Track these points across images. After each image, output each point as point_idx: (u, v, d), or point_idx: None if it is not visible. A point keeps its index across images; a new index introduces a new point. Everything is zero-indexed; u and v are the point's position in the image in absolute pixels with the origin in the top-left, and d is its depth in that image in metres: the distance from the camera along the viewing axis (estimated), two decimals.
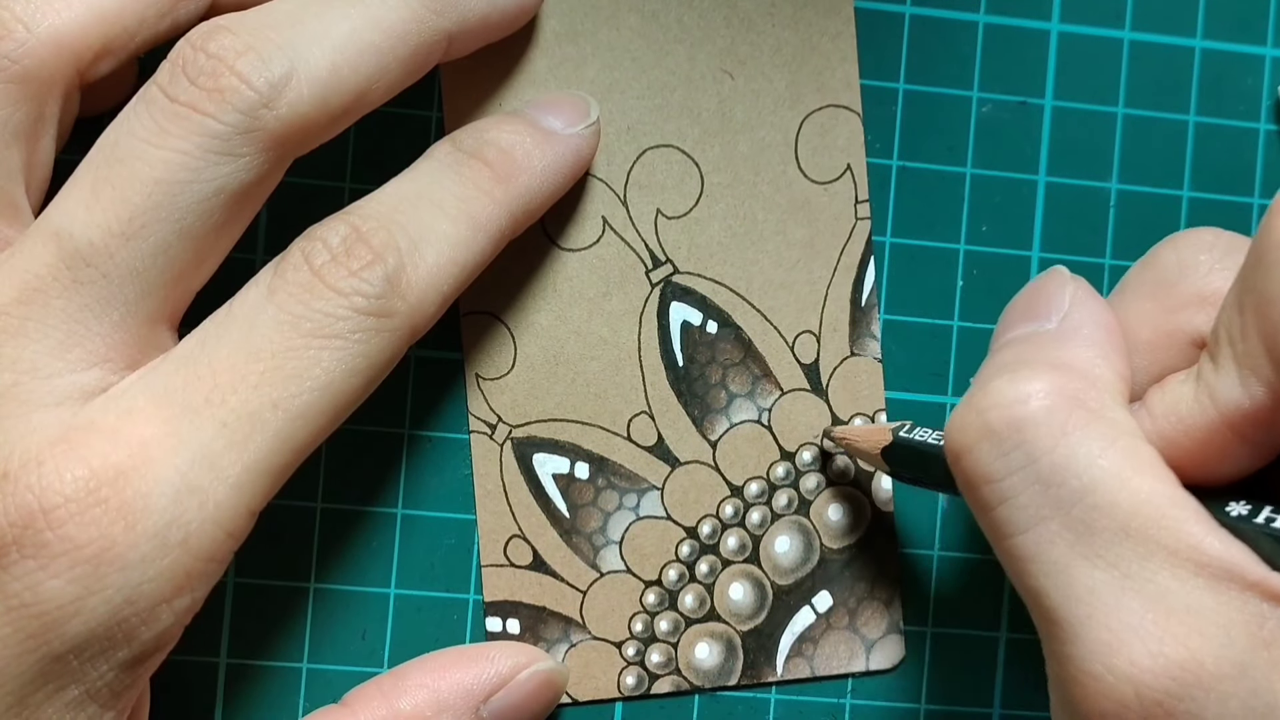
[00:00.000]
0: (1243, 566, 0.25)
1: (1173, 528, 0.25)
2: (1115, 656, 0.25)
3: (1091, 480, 0.26)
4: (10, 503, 0.26)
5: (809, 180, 0.34)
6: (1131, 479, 0.26)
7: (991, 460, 0.27)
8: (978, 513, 0.27)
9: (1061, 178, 0.35)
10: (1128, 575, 0.25)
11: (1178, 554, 0.25)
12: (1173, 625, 0.24)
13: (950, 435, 0.27)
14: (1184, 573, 0.25)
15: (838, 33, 0.34)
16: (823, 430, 0.34)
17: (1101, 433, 0.26)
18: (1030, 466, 0.26)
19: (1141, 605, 0.25)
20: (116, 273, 0.27)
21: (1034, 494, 0.26)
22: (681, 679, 0.34)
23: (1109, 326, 0.29)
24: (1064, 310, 0.29)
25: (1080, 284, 0.30)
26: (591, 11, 0.34)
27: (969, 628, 0.34)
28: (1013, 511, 0.26)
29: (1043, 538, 0.26)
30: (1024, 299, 0.30)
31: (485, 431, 0.34)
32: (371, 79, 0.29)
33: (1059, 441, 0.26)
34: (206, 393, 0.27)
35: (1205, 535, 0.25)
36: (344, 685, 0.33)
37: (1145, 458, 0.26)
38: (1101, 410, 0.26)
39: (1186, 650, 0.24)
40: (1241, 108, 0.35)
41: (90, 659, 0.26)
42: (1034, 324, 0.29)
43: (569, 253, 0.34)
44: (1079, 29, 0.35)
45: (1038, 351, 0.28)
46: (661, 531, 0.34)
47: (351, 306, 0.28)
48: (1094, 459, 0.26)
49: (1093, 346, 0.28)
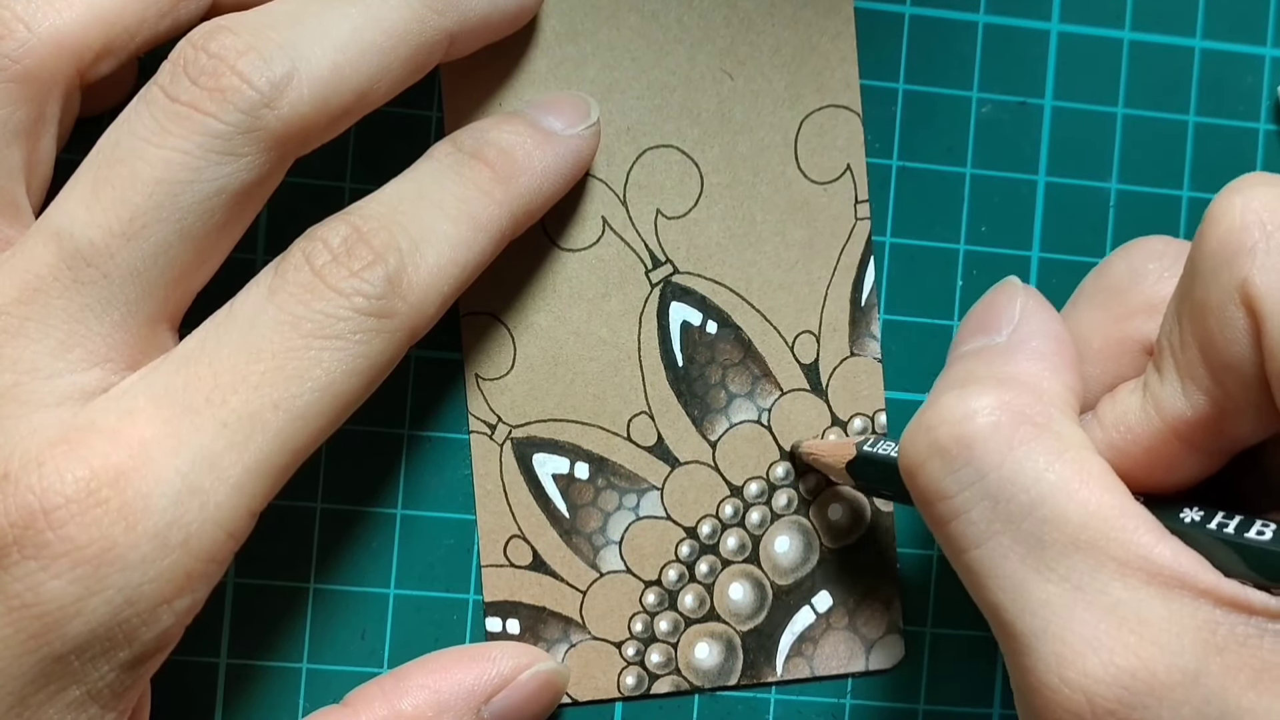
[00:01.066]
0: (1193, 574, 0.25)
1: (1122, 538, 0.25)
2: (1069, 668, 0.25)
3: (1039, 494, 0.26)
4: (11, 503, 0.26)
5: (809, 180, 0.34)
6: (1079, 491, 0.26)
7: (942, 477, 0.27)
8: (933, 528, 0.27)
9: (1061, 178, 0.35)
10: (1079, 587, 0.25)
11: (1128, 564, 0.25)
12: (1124, 635, 0.25)
13: (903, 452, 0.28)
14: (1135, 582, 0.25)
15: (837, 33, 0.34)
16: (791, 445, 0.34)
17: (1048, 446, 0.26)
18: (979, 483, 0.26)
19: (1093, 616, 0.25)
20: (117, 273, 0.27)
21: (984, 509, 0.26)
22: (681, 679, 0.34)
23: (1058, 338, 0.29)
24: (1014, 323, 0.29)
25: (1031, 295, 0.30)
26: (591, 11, 0.34)
27: (969, 628, 0.34)
28: (965, 527, 0.26)
29: (995, 552, 0.26)
30: (977, 311, 0.30)
31: (485, 432, 0.34)
32: (373, 79, 0.29)
33: (1006, 456, 0.26)
34: (207, 393, 0.27)
35: (1155, 544, 0.25)
36: (344, 685, 0.33)
37: (1093, 469, 0.26)
38: (1048, 424, 0.27)
39: (1138, 659, 0.24)
40: (1241, 108, 0.35)
41: (91, 659, 0.26)
42: (985, 337, 0.29)
43: (569, 253, 0.34)
44: (1079, 29, 0.35)
45: (986, 366, 0.28)
46: (661, 531, 0.34)
47: (352, 307, 0.28)
48: (1041, 473, 0.26)
49: (1041, 360, 0.28)
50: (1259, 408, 0.26)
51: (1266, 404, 0.25)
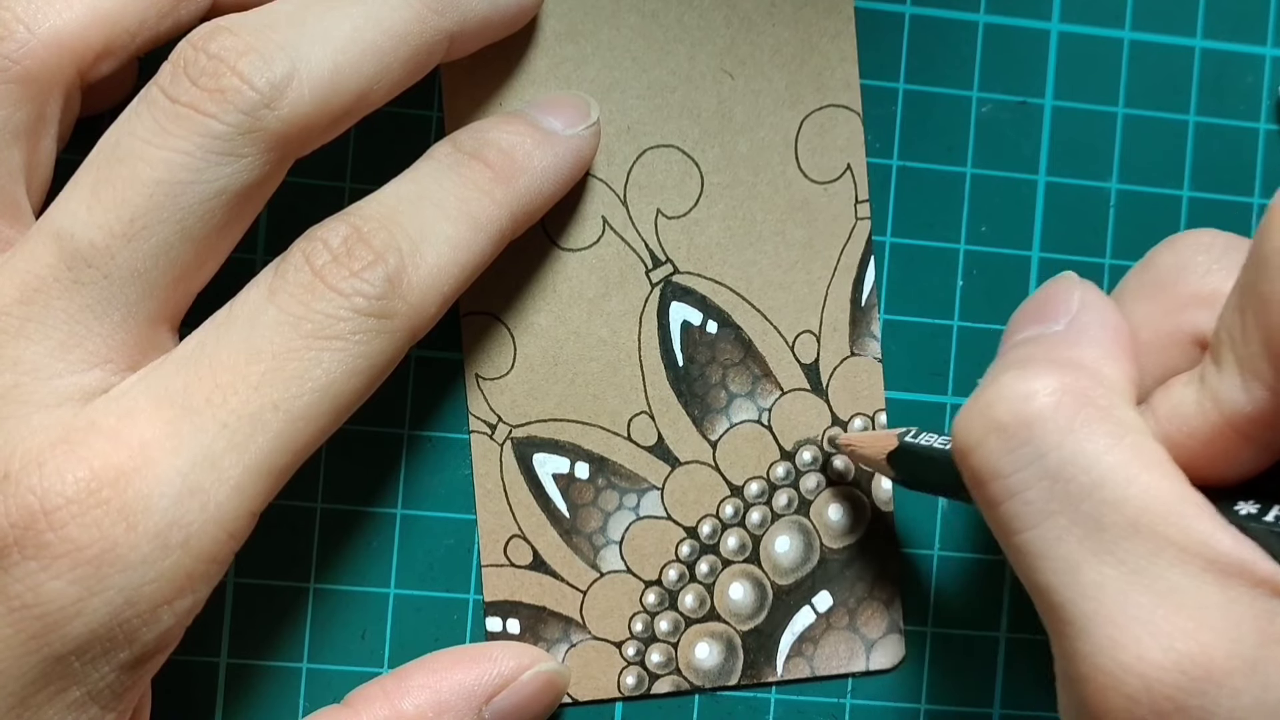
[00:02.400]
0: (1252, 563, 0.25)
1: (1181, 524, 0.25)
2: (1124, 652, 0.25)
3: (1100, 476, 0.26)
4: (11, 504, 0.26)
5: (809, 180, 0.34)
6: (1140, 475, 0.25)
7: (999, 456, 0.27)
8: (985, 509, 0.27)
9: (1061, 178, 0.35)
10: (1136, 571, 0.25)
11: (1187, 550, 0.25)
12: (1182, 621, 0.24)
13: (958, 431, 0.27)
14: (1193, 569, 0.25)
15: (838, 33, 0.34)
16: (824, 434, 0.34)
17: (1109, 429, 0.26)
18: (1038, 462, 0.26)
19: (1150, 601, 0.25)
20: (117, 273, 0.27)
21: (1042, 489, 0.26)
22: (681, 679, 0.34)
23: (1117, 328, 0.29)
24: (1072, 313, 0.29)
25: (1089, 288, 0.30)
26: (591, 11, 0.34)
27: (969, 628, 0.34)
28: (1020, 507, 0.26)
29: (1050, 533, 0.26)
30: (1033, 303, 0.30)
31: (485, 431, 0.34)
32: (373, 79, 0.29)
33: (1066, 437, 0.26)
34: (207, 394, 0.27)
35: (1214, 532, 0.25)
36: (344, 685, 0.33)
37: (1153, 455, 0.26)
38: (1109, 408, 0.26)
39: (1198, 645, 0.24)
40: (1241, 108, 0.35)
41: (92, 660, 0.26)
42: (1042, 326, 0.29)
43: (569, 253, 0.34)
44: (1079, 29, 0.35)
45: (1046, 351, 0.28)
46: (661, 531, 0.34)
47: (352, 307, 0.28)
48: (1101, 455, 0.26)
49: (1100, 347, 0.28)
50: None
51: None
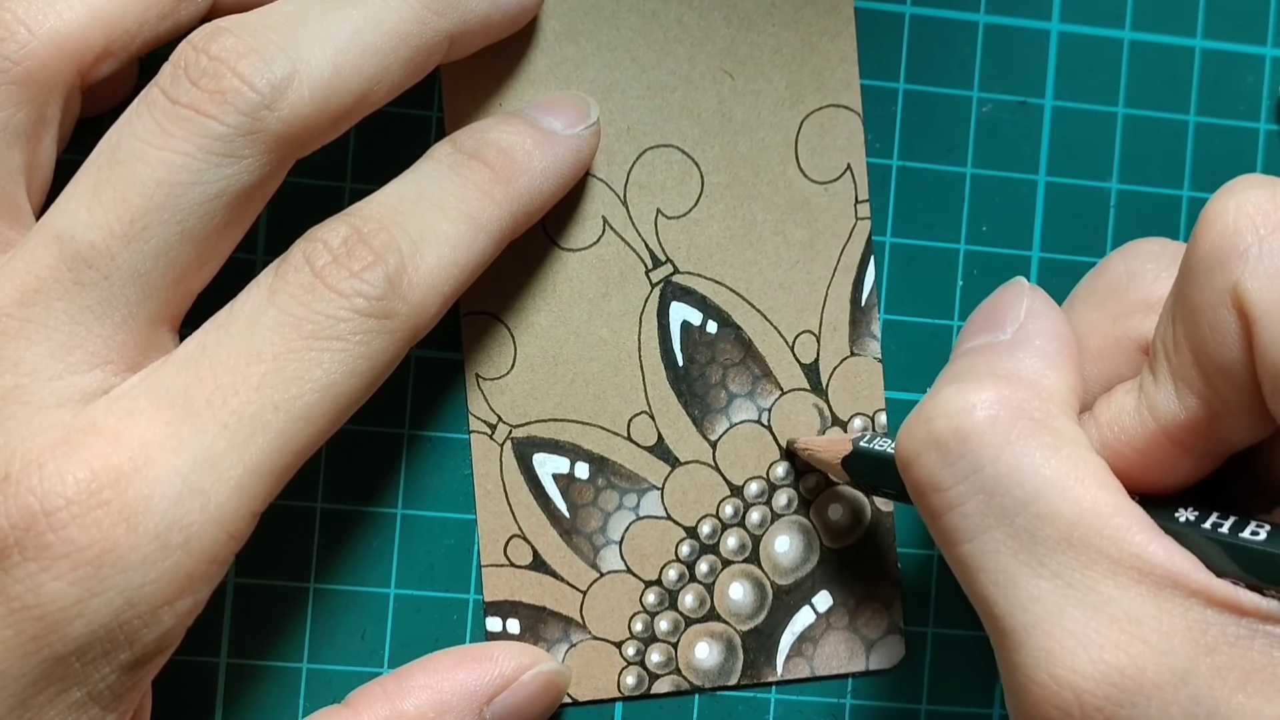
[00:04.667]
0: (1185, 573, 0.25)
1: (1115, 536, 0.25)
2: (1058, 664, 0.25)
3: (1035, 489, 0.26)
4: (12, 504, 0.26)
5: (809, 180, 0.34)
6: (1074, 488, 0.26)
7: (938, 469, 0.27)
8: (927, 520, 0.27)
9: (1061, 178, 0.35)
10: (1070, 584, 0.25)
11: (1120, 562, 0.25)
12: (1114, 633, 0.25)
13: (900, 443, 0.28)
14: (1126, 580, 0.25)
15: (838, 33, 0.34)
16: (787, 441, 0.34)
17: (1045, 442, 0.26)
18: (975, 476, 0.26)
19: (1084, 614, 0.25)
20: (118, 274, 0.27)
21: (979, 503, 0.26)
22: (681, 679, 0.34)
23: (1062, 337, 0.29)
24: (1019, 321, 0.29)
25: (1038, 295, 0.30)
26: (591, 11, 0.34)
27: (969, 628, 0.35)
28: (959, 520, 0.27)
29: (988, 546, 0.26)
30: (983, 310, 0.30)
31: (485, 431, 0.34)
32: (373, 80, 0.29)
33: (1003, 451, 0.26)
34: (208, 394, 0.27)
35: (1148, 543, 0.25)
36: (344, 685, 0.33)
37: (1089, 467, 0.26)
38: (1046, 420, 0.27)
39: (1127, 657, 0.24)
40: (1241, 108, 0.35)
41: (92, 661, 0.26)
42: (989, 335, 0.30)
43: (569, 253, 0.34)
44: (1079, 29, 0.35)
45: (988, 362, 0.28)
46: (661, 531, 0.34)
47: (353, 308, 0.28)
48: (1037, 468, 0.26)
49: (1043, 358, 0.28)
50: (1251, 411, 0.26)
51: (1258, 407, 0.25)
